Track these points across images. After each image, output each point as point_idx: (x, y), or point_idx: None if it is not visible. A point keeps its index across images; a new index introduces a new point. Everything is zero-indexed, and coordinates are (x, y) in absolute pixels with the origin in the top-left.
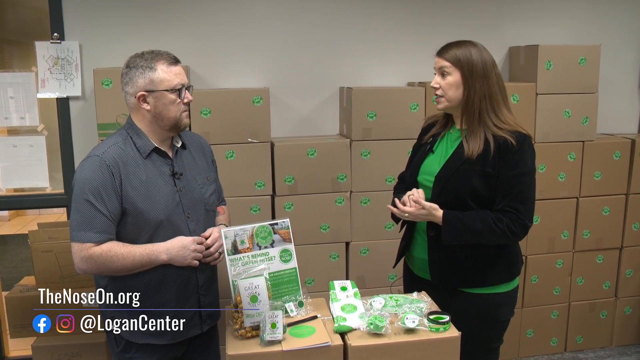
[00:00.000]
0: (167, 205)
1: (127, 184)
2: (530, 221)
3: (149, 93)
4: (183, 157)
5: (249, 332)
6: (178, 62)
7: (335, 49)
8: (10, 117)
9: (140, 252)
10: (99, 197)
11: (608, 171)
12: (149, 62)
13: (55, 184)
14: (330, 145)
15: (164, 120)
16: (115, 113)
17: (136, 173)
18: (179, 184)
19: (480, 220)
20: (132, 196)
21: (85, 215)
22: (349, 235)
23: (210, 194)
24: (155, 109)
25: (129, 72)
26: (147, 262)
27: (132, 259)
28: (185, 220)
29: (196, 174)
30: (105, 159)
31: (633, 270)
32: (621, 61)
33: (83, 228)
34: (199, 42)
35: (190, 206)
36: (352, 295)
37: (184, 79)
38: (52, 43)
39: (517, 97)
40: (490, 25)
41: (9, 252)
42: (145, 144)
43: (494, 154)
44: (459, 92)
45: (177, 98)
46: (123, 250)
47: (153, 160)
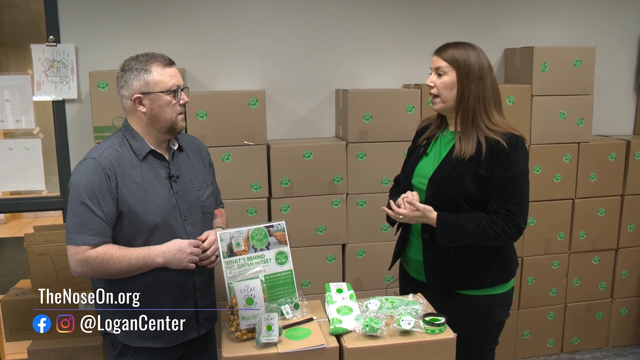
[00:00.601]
0: (163, 208)
1: (123, 186)
2: (524, 223)
3: (145, 95)
4: (180, 160)
5: (244, 334)
6: (173, 63)
7: (332, 51)
8: (5, 119)
9: (136, 255)
10: (94, 200)
11: (603, 172)
12: (144, 65)
13: (51, 187)
14: (327, 148)
15: (160, 122)
16: (111, 116)
17: (132, 176)
18: (175, 186)
19: (474, 221)
20: (128, 199)
21: (81, 217)
22: (345, 237)
23: (207, 196)
24: (151, 111)
25: (124, 75)
26: (143, 265)
27: (127, 262)
28: (182, 223)
29: (193, 176)
30: (101, 162)
31: (629, 271)
32: (616, 63)
33: (79, 231)
34: (195, 44)
35: (187, 209)
36: (348, 298)
37: (179, 80)
38: (48, 46)
39: (512, 99)
40: (486, 27)
41: (5, 255)
42: (141, 146)
43: (487, 156)
44: (453, 93)
45: (173, 99)
46: (119, 253)
47: (149, 163)
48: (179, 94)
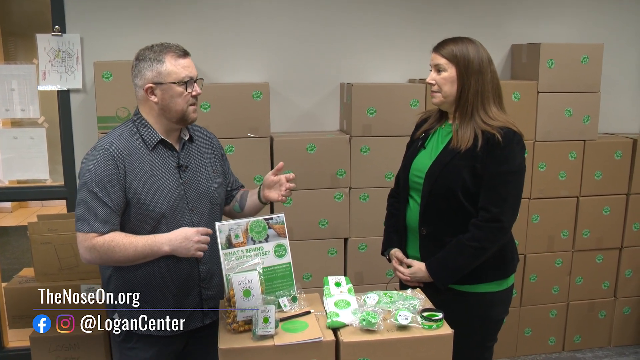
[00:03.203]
0: (170, 198)
1: (131, 175)
2: (508, 221)
3: (157, 85)
4: (190, 150)
5: (241, 326)
6: (187, 54)
7: (337, 45)
8: (11, 109)
9: (142, 242)
10: (102, 188)
11: (609, 171)
12: (157, 55)
13: (56, 177)
14: (330, 141)
15: (171, 113)
16: (115, 106)
17: (141, 164)
18: (184, 176)
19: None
20: (135, 187)
21: (89, 205)
22: (348, 231)
23: (216, 187)
24: (163, 101)
25: (138, 65)
26: (150, 253)
27: (134, 250)
28: (189, 213)
29: (202, 167)
30: (110, 150)
31: (633, 270)
32: (624, 60)
33: (87, 218)
34: (199, 35)
35: (195, 199)
36: (346, 291)
37: (192, 71)
38: (54, 35)
39: (518, 95)
40: (492, 23)
41: (10, 243)
42: (151, 135)
43: (482, 149)
44: (454, 88)
45: (185, 91)
46: (125, 241)
47: (159, 152)
48: (191, 85)
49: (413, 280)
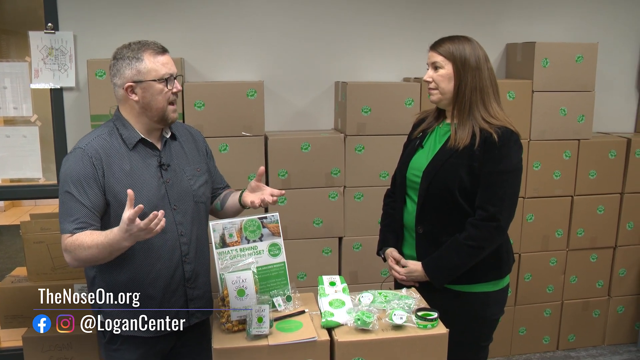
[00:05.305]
0: (151, 197)
1: (110, 175)
2: (505, 221)
3: (137, 84)
4: (172, 148)
5: (235, 326)
6: (166, 51)
7: (332, 43)
8: (3, 107)
9: (101, 240)
10: (80, 189)
11: (603, 170)
12: (136, 53)
13: (49, 175)
14: (325, 140)
15: (152, 111)
16: (109, 104)
17: (120, 164)
18: (165, 175)
19: (456, 252)
20: (115, 187)
21: (67, 206)
22: (342, 230)
23: (200, 185)
24: (144, 100)
25: (116, 64)
26: (113, 250)
27: (96, 249)
28: (172, 212)
29: (185, 165)
30: (87, 151)
31: (626, 269)
32: (619, 60)
33: (65, 219)
34: (194, 33)
35: (177, 198)
36: (341, 291)
37: (171, 68)
38: (46, 33)
39: (513, 94)
40: (487, 22)
41: (3, 242)
42: (131, 135)
43: (479, 148)
44: (451, 85)
45: (165, 88)
46: (88, 240)
47: (139, 152)
48: (171, 82)
49: (409, 279)
